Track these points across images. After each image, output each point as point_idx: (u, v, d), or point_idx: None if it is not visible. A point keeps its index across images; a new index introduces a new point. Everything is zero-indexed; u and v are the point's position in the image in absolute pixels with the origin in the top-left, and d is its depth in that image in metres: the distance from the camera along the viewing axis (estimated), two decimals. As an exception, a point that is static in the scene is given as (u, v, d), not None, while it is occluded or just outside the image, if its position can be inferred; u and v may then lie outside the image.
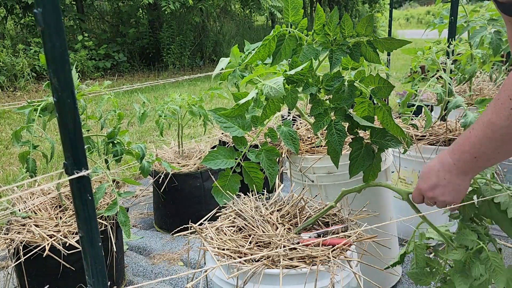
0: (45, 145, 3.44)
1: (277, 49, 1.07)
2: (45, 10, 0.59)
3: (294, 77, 0.98)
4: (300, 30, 1.06)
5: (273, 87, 0.90)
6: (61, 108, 0.64)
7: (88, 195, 0.69)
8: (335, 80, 1.02)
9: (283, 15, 1.07)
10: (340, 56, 1.03)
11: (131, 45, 8.17)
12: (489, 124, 0.81)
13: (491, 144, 0.83)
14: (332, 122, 1.00)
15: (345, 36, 1.02)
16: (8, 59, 6.00)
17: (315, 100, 1.01)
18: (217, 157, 1.04)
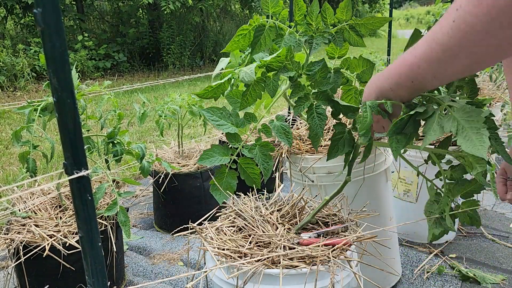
0: (45, 145, 3.44)
1: (256, 39, 1.07)
2: (45, 10, 0.59)
3: (273, 64, 0.98)
4: (281, 22, 1.06)
5: (247, 72, 0.91)
6: (61, 108, 0.64)
7: (88, 195, 0.70)
8: (315, 64, 1.02)
9: (262, 6, 1.06)
10: (320, 41, 1.03)
11: (131, 45, 8.17)
12: (429, 41, 0.68)
13: (430, 64, 0.70)
14: (313, 106, 1.00)
15: (327, 24, 1.03)
16: (8, 59, 6.00)
17: (295, 85, 1.01)
18: (212, 155, 1.05)
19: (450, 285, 1.60)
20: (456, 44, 0.63)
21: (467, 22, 0.60)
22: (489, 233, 1.96)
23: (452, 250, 1.83)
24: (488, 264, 1.73)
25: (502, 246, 1.85)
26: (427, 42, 0.69)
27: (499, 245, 1.86)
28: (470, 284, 1.60)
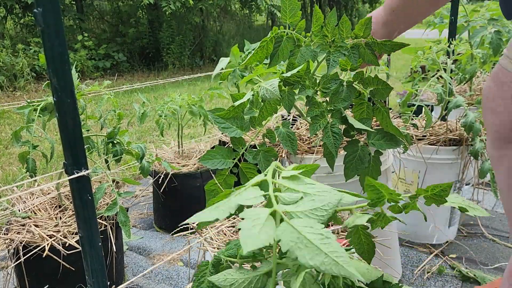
0: (45, 145, 3.43)
1: (274, 50, 1.06)
2: (45, 10, 0.59)
3: (291, 79, 0.98)
4: (298, 32, 1.06)
5: (269, 89, 0.89)
6: (61, 108, 0.64)
7: (88, 195, 0.69)
8: (333, 82, 1.02)
9: (281, 16, 1.06)
10: (338, 58, 1.02)
11: (131, 45, 8.17)
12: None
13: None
14: (328, 125, 1.00)
15: (343, 37, 1.02)
16: (8, 59, 5.99)
17: (312, 102, 1.01)
18: (215, 157, 1.04)
19: (450, 285, 1.60)
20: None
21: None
22: (490, 233, 1.96)
23: (452, 250, 1.83)
24: (488, 264, 1.73)
25: (503, 247, 1.85)
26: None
27: (499, 245, 1.86)
28: (471, 285, 1.60)
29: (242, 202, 0.50)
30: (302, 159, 1.37)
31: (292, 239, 0.43)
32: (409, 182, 1.83)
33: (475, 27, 1.99)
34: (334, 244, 0.43)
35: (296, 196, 0.51)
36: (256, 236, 0.43)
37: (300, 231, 0.44)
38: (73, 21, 8.01)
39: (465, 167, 1.77)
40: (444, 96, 1.69)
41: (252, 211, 0.47)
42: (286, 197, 0.51)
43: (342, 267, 0.41)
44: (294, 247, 0.43)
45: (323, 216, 0.47)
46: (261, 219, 0.45)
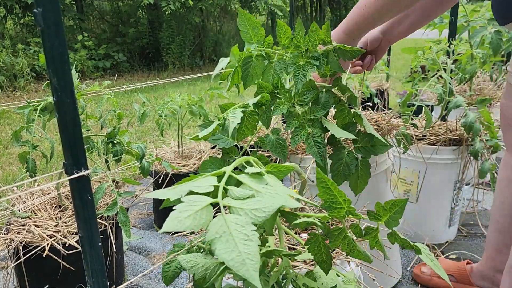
0: (45, 145, 3.43)
1: (245, 72, 1.06)
2: (45, 9, 0.59)
3: (261, 101, 0.97)
4: (268, 47, 1.04)
5: (232, 121, 0.91)
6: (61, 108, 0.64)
7: (88, 195, 0.69)
8: (307, 93, 1.00)
9: (243, 37, 1.04)
10: (307, 71, 1.01)
11: (131, 45, 8.17)
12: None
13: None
14: (309, 135, 0.99)
15: (314, 45, 1.01)
16: (8, 59, 5.99)
17: (289, 115, 0.99)
18: (210, 167, 1.04)
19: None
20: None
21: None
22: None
23: (452, 250, 1.83)
24: (488, 264, 1.73)
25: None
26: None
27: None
28: (470, 284, 1.60)
29: (193, 188, 0.51)
30: (302, 159, 1.37)
31: (218, 232, 0.45)
32: (409, 182, 1.83)
33: (475, 27, 1.99)
34: (253, 248, 0.44)
35: (247, 193, 0.51)
36: (181, 220, 0.45)
37: (229, 226, 0.45)
38: (73, 21, 8.01)
39: (465, 167, 1.77)
40: (444, 96, 1.69)
41: (194, 197, 0.49)
42: (236, 192, 0.51)
43: (247, 270, 0.42)
44: (217, 239, 0.44)
45: (260, 217, 0.47)
46: (198, 206, 0.47)
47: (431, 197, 1.80)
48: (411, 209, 1.85)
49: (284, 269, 0.62)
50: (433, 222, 1.84)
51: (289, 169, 0.62)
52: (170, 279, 0.74)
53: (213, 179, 0.53)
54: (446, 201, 1.80)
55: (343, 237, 0.62)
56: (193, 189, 0.51)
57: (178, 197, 0.50)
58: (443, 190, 1.79)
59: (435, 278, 1.56)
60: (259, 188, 0.53)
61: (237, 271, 0.42)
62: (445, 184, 1.78)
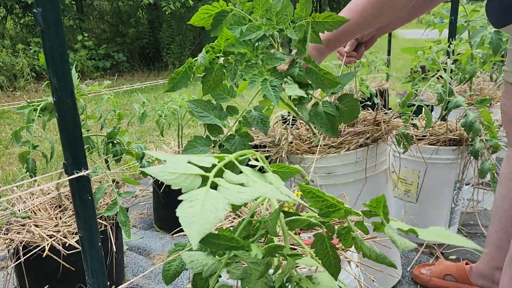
0: (45, 145, 3.43)
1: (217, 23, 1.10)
2: (44, 9, 0.59)
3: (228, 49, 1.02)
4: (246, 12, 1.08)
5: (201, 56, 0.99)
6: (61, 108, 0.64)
7: (88, 195, 0.69)
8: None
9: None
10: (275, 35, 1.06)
11: (131, 45, 8.17)
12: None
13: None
14: (267, 80, 1.00)
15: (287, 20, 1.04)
16: (8, 59, 5.99)
17: (250, 65, 1.02)
18: (195, 146, 1.06)
19: (450, 285, 1.60)
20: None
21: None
22: (489, 233, 1.95)
23: (452, 251, 1.83)
24: (488, 264, 1.73)
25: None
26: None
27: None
28: (470, 284, 1.60)
29: (193, 160, 0.50)
30: (302, 159, 1.37)
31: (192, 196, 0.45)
32: (409, 182, 1.83)
33: (475, 27, 1.99)
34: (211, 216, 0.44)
35: (241, 180, 0.51)
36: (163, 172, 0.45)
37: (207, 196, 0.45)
38: (73, 21, 8.01)
39: (465, 167, 1.77)
40: (444, 96, 1.69)
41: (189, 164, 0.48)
42: (232, 177, 0.51)
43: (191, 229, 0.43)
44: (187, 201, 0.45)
45: (241, 199, 0.47)
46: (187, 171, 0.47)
47: (431, 197, 1.80)
48: (411, 209, 1.85)
49: (288, 271, 0.62)
50: (433, 222, 1.84)
51: (295, 170, 0.62)
52: (170, 278, 0.74)
53: (215, 160, 0.53)
54: (446, 201, 1.80)
55: (350, 236, 0.61)
56: (193, 160, 0.50)
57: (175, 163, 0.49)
58: (443, 190, 1.79)
59: (435, 278, 1.56)
60: (256, 179, 0.52)
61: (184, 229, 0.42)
62: (445, 184, 1.78)
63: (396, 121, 1.67)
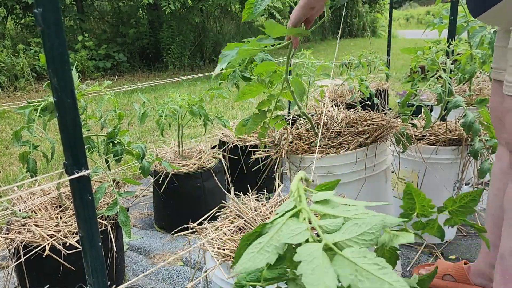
0: (45, 145, 3.44)
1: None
2: (45, 10, 0.59)
3: None
4: None
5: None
6: (61, 108, 0.64)
7: (88, 195, 0.70)
8: None
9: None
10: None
11: (131, 45, 8.17)
12: None
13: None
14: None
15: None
16: (8, 59, 6.00)
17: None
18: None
19: (450, 285, 1.60)
20: None
21: None
22: (489, 233, 1.96)
23: (452, 250, 1.83)
24: (488, 264, 1.73)
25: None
26: None
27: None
28: (470, 284, 1.61)
29: (287, 240, 0.46)
30: (302, 159, 1.38)
31: (351, 273, 0.41)
32: (408, 182, 1.83)
33: (474, 27, 1.99)
34: (393, 273, 0.41)
35: (338, 222, 0.48)
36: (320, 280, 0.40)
37: (356, 262, 0.42)
38: (73, 21, 8.02)
39: (465, 167, 1.77)
40: (444, 96, 1.69)
41: (304, 250, 0.44)
42: (328, 225, 0.48)
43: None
44: (355, 280, 0.40)
45: (372, 240, 0.44)
46: (317, 259, 0.43)
47: (431, 197, 1.79)
48: (411, 209, 1.85)
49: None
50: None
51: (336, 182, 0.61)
52: None
53: (296, 222, 0.49)
54: (445, 201, 1.81)
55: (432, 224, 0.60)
56: (289, 241, 0.46)
57: (276, 257, 0.46)
58: (442, 190, 1.79)
59: (434, 278, 1.56)
60: (343, 213, 0.49)
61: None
62: (445, 184, 1.78)
63: (395, 121, 1.67)
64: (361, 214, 0.48)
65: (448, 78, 1.70)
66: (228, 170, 2.26)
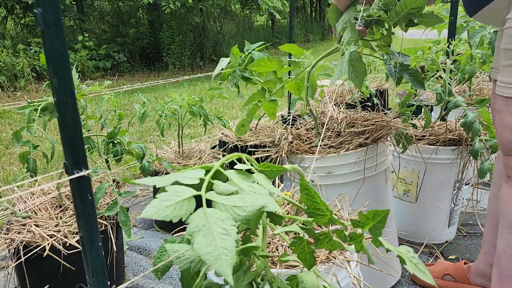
0: (45, 145, 3.44)
1: None
2: (45, 10, 0.59)
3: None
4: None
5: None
6: (61, 108, 0.64)
7: (88, 195, 0.70)
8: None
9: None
10: None
11: (131, 45, 8.17)
12: None
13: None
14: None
15: None
16: (8, 59, 6.00)
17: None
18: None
19: (449, 285, 1.60)
20: None
21: None
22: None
23: (451, 250, 1.83)
24: (487, 264, 1.73)
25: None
26: None
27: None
28: (470, 284, 1.60)
29: (179, 179, 0.51)
30: (302, 159, 1.38)
31: (198, 225, 0.45)
32: (408, 182, 1.83)
33: (474, 27, 1.99)
34: (230, 243, 0.43)
35: (232, 189, 0.51)
36: (161, 209, 0.45)
37: (209, 220, 0.45)
38: (73, 21, 8.02)
39: (465, 167, 1.77)
40: (444, 96, 1.69)
41: (178, 187, 0.49)
42: (221, 187, 0.52)
43: (221, 265, 0.42)
44: (196, 232, 0.44)
45: (240, 215, 0.47)
46: (180, 197, 0.47)
47: (431, 197, 1.80)
48: (411, 209, 1.85)
49: (261, 269, 0.62)
50: (433, 222, 1.85)
51: (281, 169, 0.62)
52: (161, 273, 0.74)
53: (201, 172, 0.53)
54: (445, 201, 1.81)
55: (328, 240, 0.62)
56: (179, 179, 0.51)
57: (164, 185, 0.50)
58: (442, 190, 1.79)
59: (434, 278, 1.56)
60: (244, 185, 0.53)
61: (212, 265, 0.42)
62: (445, 184, 1.78)
63: (395, 121, 1.67)
64: (255, 193, 0.51)
65: (448, 78, 1.70)
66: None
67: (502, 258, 1.11)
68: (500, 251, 1.12)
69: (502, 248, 1.11)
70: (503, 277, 1.11)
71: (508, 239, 1.09)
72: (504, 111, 1.04)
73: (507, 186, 1.11)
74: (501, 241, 1.12)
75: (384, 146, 1.45)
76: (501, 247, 1.12)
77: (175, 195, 0.47)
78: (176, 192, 0.48)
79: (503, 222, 1.10)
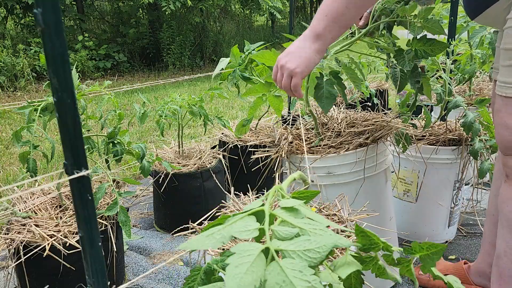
0: (45, 145, 3.44)
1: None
2: (45, 10, 0.59)
3: None
4: None
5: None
6: (61, 108, 0.64)
7: (88, 195, 0.70)
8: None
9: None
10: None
11: (131, 45, 8.17)
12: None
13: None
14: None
15: None
16: (9, 59, 6.00)
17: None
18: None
19: (449, 285, 1.60)
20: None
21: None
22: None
23: (451, 250, 1.83)
24: (487, 264, 1.73)
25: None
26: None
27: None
28: (470, 284, 1.60)
29: (235, 234, 0.48)
30: (302, 159, 1.38)
31: (277, 282, 0.42)
32: (408, 182, 1.83)
33: (474, 27, 1.99)
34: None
35: (292, 232, 0.48)
36: (242, 278, 0.41)
37: (287, 274, 0.42)
38: (73, 21, 8.02)
39: (465, 167, 1.77)
40: (444, 96, 1.69)
41: (243, 246, 0.45)
42: (281, 232, 0.48)
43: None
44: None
45: (316, 259, 0.45)
46: (251, 257, 0.44)
47: (431, 197, 1.80)
48: (411, 209, 1.85)
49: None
50: (433, 222, 1.85)
51: (314, 193, 0.61)
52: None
53: (252, 220, 0.50)
54: (445, 201, 1.81)
55: (374, 263, 0.62)
56: (235, 235, 0.48)
57: (220, 245, 0.47)
58: (442, 190, 1.79)
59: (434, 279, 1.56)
60: (301, 225, 0.49)
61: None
62: (445, 184, 1.78)
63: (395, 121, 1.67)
64: (318, 230, 0.49)
65: (448, 78, 1.70)
66: (228, 170, 2.26)
67: (502, 258, 1.11)
68: (500, 251, 1.12)
69: (502, 248, 1.11)
70: (503, 277, 1.11)
71: (508, 238, 1.09)
72: (503, 111, 1.04)
73: (506, 185, 1.11)
74: (501, 241, 1.12)
75: (384, 146, 1.45)
76: (501, 247, 1.12)
77: (245, 256, 0.44)
78: (244, 252, 0.44)
79: (503, 221, 1.10)
